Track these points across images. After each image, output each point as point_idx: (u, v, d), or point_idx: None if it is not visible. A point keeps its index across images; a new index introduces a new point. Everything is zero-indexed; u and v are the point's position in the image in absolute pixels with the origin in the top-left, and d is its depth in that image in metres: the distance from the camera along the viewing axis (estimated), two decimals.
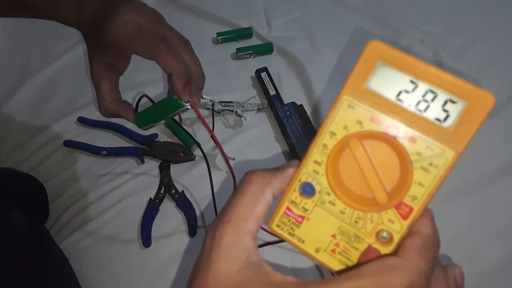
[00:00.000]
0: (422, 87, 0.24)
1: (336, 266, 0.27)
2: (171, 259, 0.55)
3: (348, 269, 0.26)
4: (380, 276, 0.23)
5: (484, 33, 0.74)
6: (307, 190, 0.27)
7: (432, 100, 0.24)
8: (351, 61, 0.78)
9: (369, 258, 0.26)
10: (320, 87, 0.68)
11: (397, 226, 0.25)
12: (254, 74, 0.70)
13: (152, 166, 0.62)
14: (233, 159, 0.61)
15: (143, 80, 0.69)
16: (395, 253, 0.25)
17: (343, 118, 0.25)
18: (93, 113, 0.66)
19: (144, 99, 0.48)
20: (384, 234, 0.26)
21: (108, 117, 0.47)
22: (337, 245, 0.27)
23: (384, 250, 0.26)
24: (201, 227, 0.57)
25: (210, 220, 0.58)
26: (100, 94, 0.45)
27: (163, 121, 0.48)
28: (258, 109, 0.67)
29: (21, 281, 0.44)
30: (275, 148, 0.64)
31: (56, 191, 0.60)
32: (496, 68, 0.70)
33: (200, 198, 0.59)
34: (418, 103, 0.24)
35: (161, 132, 0.65)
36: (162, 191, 0.59)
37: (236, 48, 0.73)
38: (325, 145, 0.26)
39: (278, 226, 0.28)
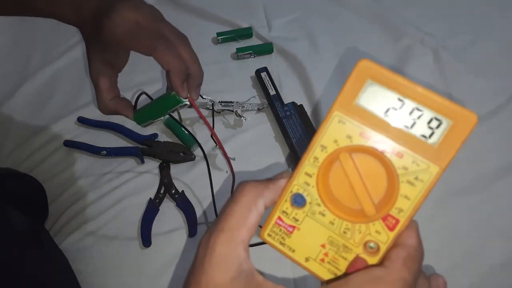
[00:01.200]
0: (409, 105, 0.25)
1: (325, 275, 0.28)
2: (171, 259, 0.55)
3: (336, 278, 0.27)
4: (366, 286, 0.25)
5: (484, 33, 0.74)
6: (298, 201, 0.28)
7: (418, 117, 0.25)
8: (351, 61, 0.78)
9: (356, 268, 0.27)
10: (320, 87, 0.68)
11: (383, 237, 0.27)
12: (254, 74, 0.70)
13: (152, 166, 0.62)
14: (233, 159, 0.61)
15: (143, 79, 0.69)
16: (381, 263, 0.26)
17: (334, 133, 0.26)
18: (93, 113, 0.66)
19: (143, 97, 0.48)
20: (371, 245, 0.27)
21: (107, 114, 0.47)
22: (326, 254, 0.28)
23: (371, 260, 0.27)
24: (202, 223, 0.57)
25: (210, 220, 0.58)
26: (99, 92, 0.45)
27: (162, 118, 0.48)
28: (258, 109, 0.67)
29: (21, 281, 0.44)
30: (275, 148, 0.64)
31: (56, 191, 0.60)
32: (496, 68, 0.70)
33: (200, 198, 0.59)
34: (405, 120, 0.25)
35: (161, 132, 0.65)
36: (162, 191, 0.59)
37: (236, 48, 0.73)
38: (316, 158, 0.27)
39: (269, 235, 0.29)
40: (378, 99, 0.26)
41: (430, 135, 0.25)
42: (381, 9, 0.77)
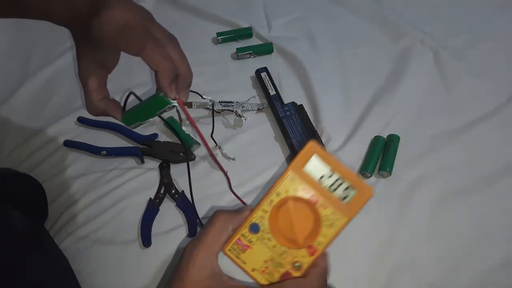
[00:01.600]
0: (335, 176, 0.39)
1: (264, 282, 0.41)
2: (171, 259, 0.55)
3: (272, 284, 0.41)
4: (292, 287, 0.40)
5: (484, 33, 0.74)
6: (254, 228, 0.40)
7: (340, 185, 0.39)
8: (351, 61, 0.78)
9: (286, 279, 0.40)
10: (320, 87, 0.68)
11: (306, 260, 0.40)
12: (254, 74, 0.70)
13: (152, 166, 0.62)
14: (233, 159, 0.61)
15: (137, 82, 0.69)
16: (303, 276, 0.40)
17: (286, 185, 0.40)
18: None
19: (132, 98, 0.48)
20: (297, 264, 0.40)
21: (95, 115, 0.46)
22: (267, 268, 0.40)
23: (296, 274, 0.40)
24: (202, 221, 0.57)
25: (204, 220, 0.58)
26: (87, 92, 0.45)
27: (151, 119, 0.47)
28: (258, 109, 0.67)
29: (21, 281, 0.44)
30: (275, 148, 0.64)
31: (56, 191, 0.60)
32: (496, 68, 0.70)
33: (200, 198, 0.59)
34: (331, 185, 0.39)
35: (161, 132, 0.65)
36: (162, 191, 0.59)
37: (236, 48, 0.73)
38: (272, 200, 0.40)
39: (229, 250, 0.41)
40: (317, 169, 0.39)
41: (344, 198, 0.39)
42: (381, 9, 0.77)
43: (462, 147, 0.62)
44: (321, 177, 0.39)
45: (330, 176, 0.39)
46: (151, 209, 0.58)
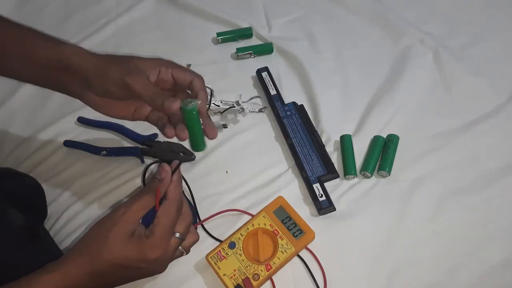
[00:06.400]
0: (292, 220, 0.55)
1: (230, 285, 0.51)
2: None
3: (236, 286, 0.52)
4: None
5: (484, 33, 0.74)
6: (232, 245, 0.54)
7: (294, 226, 0.55)
8: (351, 61, 0.78)
9: (246, 283, 0.51)
10: (320, 87, 0.68)
11: (263, 273, 0.52)
12: (255, 74, 0.70)
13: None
14: (226, 126, 0.64)
15: None
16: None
17: (259, 220, 0.55)
18: (93, 113, 0.66)
19: None
20: (256, 276, 0.51)
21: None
22: (234, 275, 0.52)
23: (254, 283, 0.51)
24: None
25: (203, 219, 0.58)
26: None
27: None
28: (260, 110, 0.67)
29: None
30: (275, 148, 0.64)
31: (56, 191, 0.60)
32: (496, 68, 0.70)
33: (200, 198, 0.59)
34: (289, 225, 0.55)
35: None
36: None
37: (236, 48, 0.73)
38: (247, 228, 0.55)
39: (211, 258, 0.53)
40: (281, 214, 0.56)
41: (296, 236, 0.54)
42: (381, 9, 0.77)
43: (462, 147, 0.62)
44: (283, 219, 0.55)
45: (289, 220, 0.55)
46: (151, 209, 0.58)
